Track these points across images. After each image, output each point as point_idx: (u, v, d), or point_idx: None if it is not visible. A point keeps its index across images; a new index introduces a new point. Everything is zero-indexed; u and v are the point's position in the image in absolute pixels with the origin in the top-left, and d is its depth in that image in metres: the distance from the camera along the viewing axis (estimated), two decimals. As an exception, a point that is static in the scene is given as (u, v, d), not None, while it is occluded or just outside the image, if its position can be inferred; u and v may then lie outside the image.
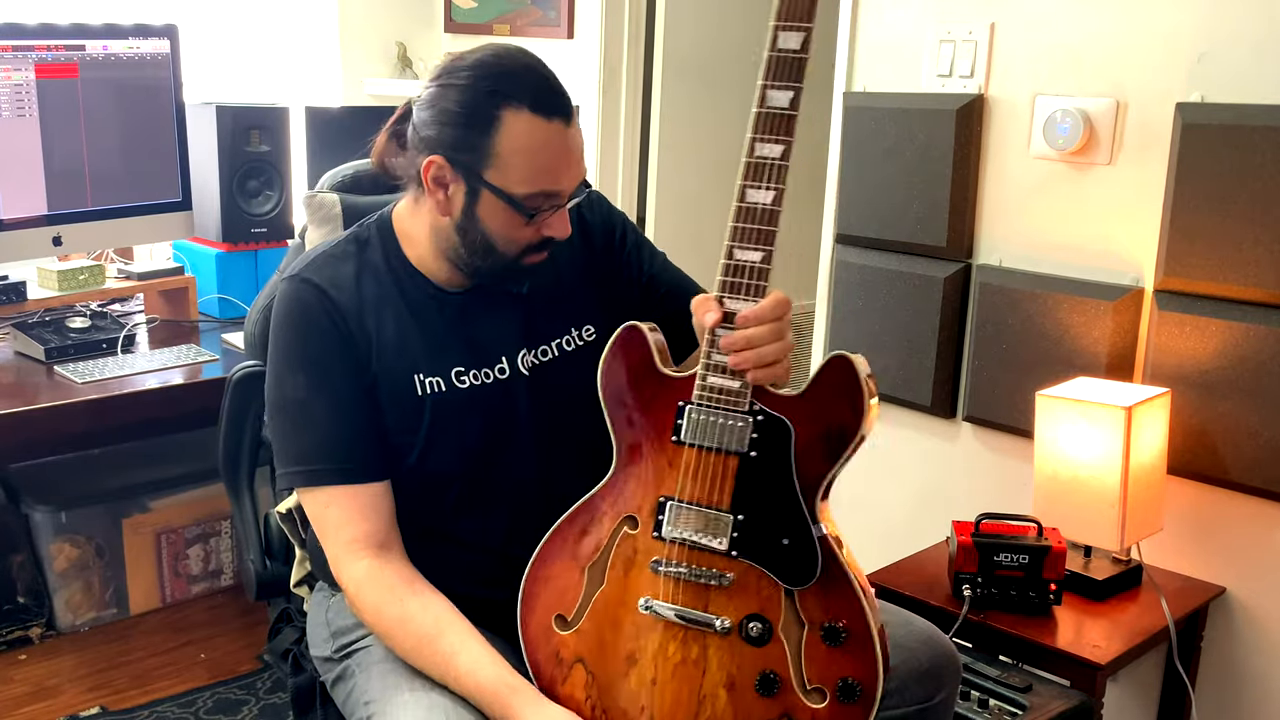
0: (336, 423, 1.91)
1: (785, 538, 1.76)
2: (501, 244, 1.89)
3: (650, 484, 1.84)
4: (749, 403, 1.78)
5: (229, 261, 3.64)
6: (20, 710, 3.39)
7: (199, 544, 4.08)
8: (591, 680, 1.84)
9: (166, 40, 3.46)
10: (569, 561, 1.87)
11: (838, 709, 1.75)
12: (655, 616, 1.81)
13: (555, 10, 4.36)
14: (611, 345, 1.88)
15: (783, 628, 1.77)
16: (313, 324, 1.91)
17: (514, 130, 1.83)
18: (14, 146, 3.21)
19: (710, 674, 1.79)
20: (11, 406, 2.87)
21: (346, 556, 1.90)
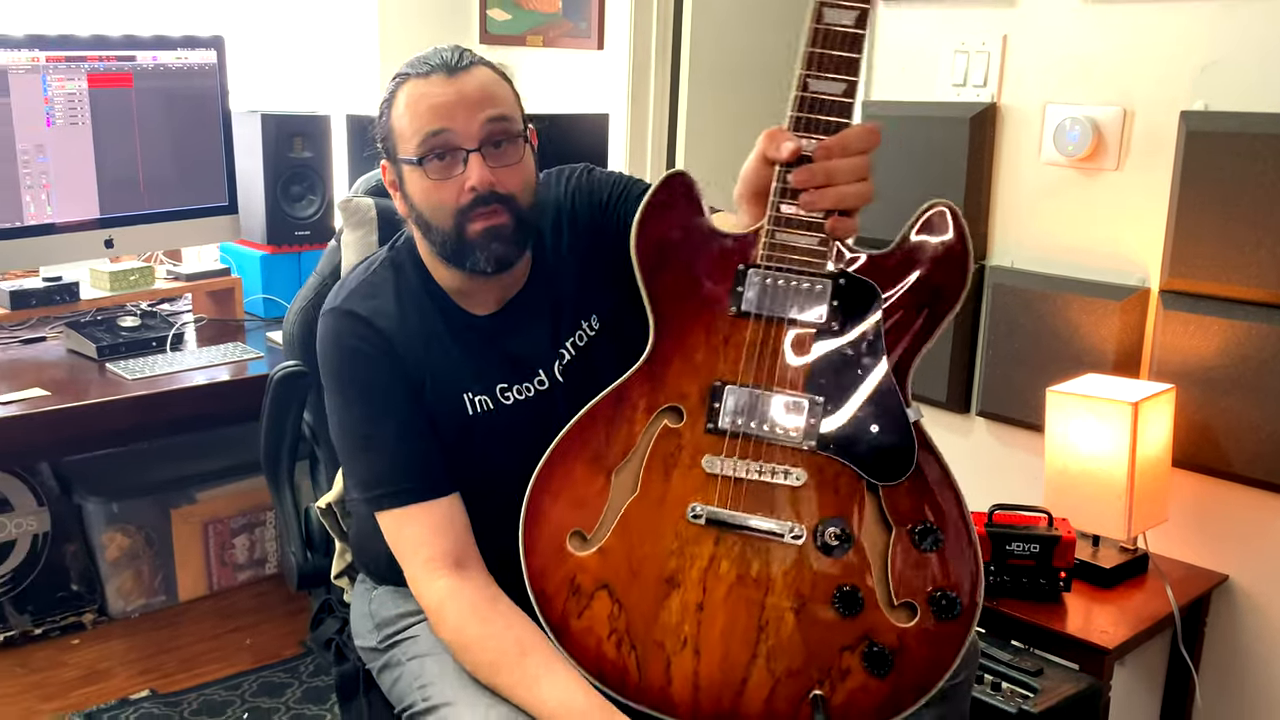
0: (403, 444, 1.85)
1: (874, 424, 1.49)
2: (433, 215, 1.83)
3: (700, 366, 1.53)
4: (827, 263, 1.50)
5: (273, 263, 3.60)
6: (74, 693, 3.42)
7: (244, 534, 4.09)
8: (618, 610, 1.55)
9: (213, 51, 3.44)
10: (589, 465, 1.59)
11: (932, 627, 1.49)
12: (706, 526, 1.52)
13: (586, 22, 4.30)
14: (653, 193, 1.60)
15: (866, 532, 1.49)
16: (362, 355, 1.88)
17: (399, 100, 1.83)
18: (67, 153, 3.20)
19: (775, 594, 1.50)
20: (65, 402, 2.86)
21: (425, 576, 1.80)
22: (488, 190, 1.78)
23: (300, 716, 3.34)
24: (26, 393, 2.88)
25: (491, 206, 1.79)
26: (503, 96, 1.84)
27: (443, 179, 1.79)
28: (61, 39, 3.16)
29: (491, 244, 1.80)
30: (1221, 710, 2.82)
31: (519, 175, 1.83)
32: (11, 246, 3.13)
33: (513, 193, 1.81)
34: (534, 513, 1.59)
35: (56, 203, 3.20)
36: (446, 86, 1.79)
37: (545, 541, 1.58)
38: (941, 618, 1.47)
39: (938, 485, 1.50)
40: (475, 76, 1.81)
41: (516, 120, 1.85)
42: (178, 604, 3.98)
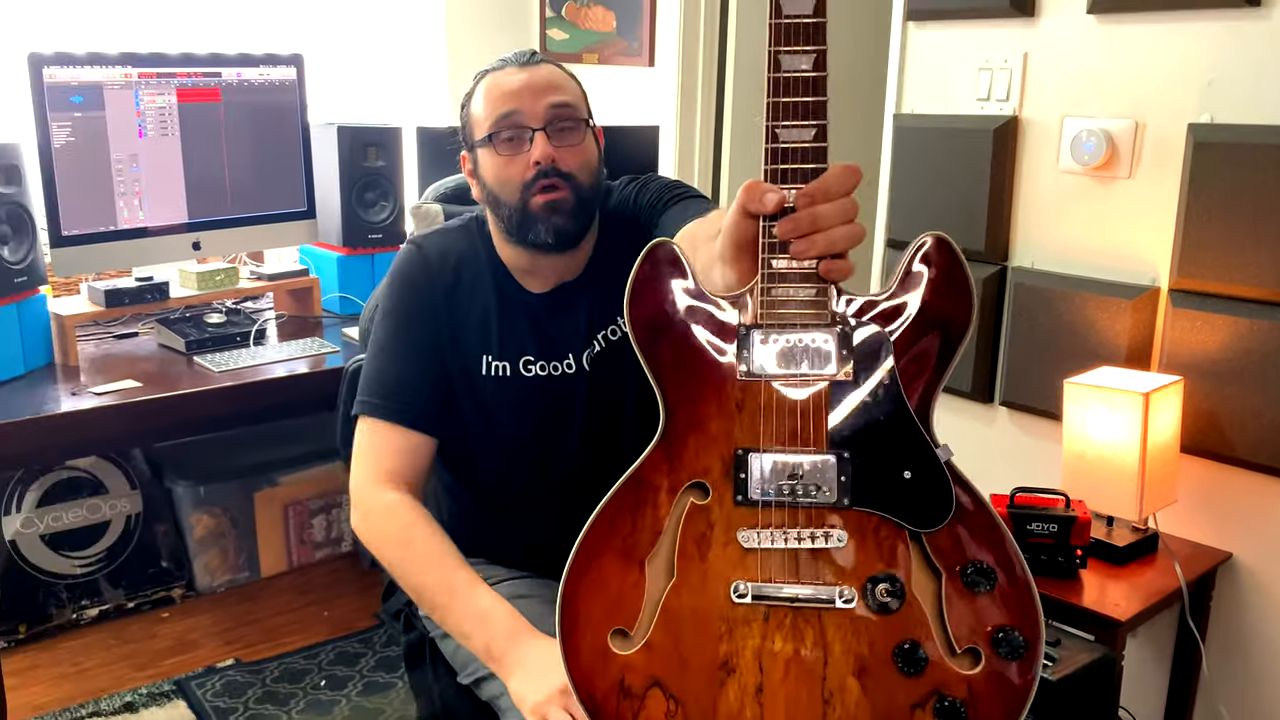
0: (406, 369, 1.93)
1: (906, 470, 1.36)
2: (501, 190, 1.90)
3: (717, 437, 1.39)
4: (829, 313, 1.37)
5: (348, 264, 3.61)
6: (164, 662, 3.55)
7: (322, 514, 4.19)
8: (675, 707, 1.39)
9: (293, 68, 3.47)
10: (619, 558, 1.42)
11: (999, 671, 1.35)
12: (753, 603, 1.38)
13: (638, 41, 4.29)
14: (638, 268, 1.44)
15: (916, 583, 1.36)
16: (410, 281, 1.97)
17: (477, 92, 1.95)
18: (158, 162, 3.22)
19: (834, 662, 1.36)
20: (156, 392, 2.88)
21: (378, 483, 1.88)
22: (550, 165, 1.86)
23: (373, 683, 3.40)
24: (120, 384, 2.91)
25: (553, 180, 1.86)
26: (568, 88, 1.93)
27: (511, 155, 1.88)
28: (153, 57, 3.20)
29: (552, 217, 1.87)
30: (1226, 678, 2.82)
31: (580, 156, 1.90)
32: (106, 249, 3.16)
33: (573, 171, 1.88)
34: (570, 616, 1.42)
35: (148, 208, 3.24)
36: (517, 74, 1.90)
37: (587, 644, 1.41)
38: (1005, 657, 1.34)
39: (978, 522, 1.36)
40: (544, 69, 1.93)
41: (581, 110, 1.93)
42: (260, 579, 4.08)
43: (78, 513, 3.79)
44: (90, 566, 3.83)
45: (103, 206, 3.16)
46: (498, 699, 1.84)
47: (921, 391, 1.38)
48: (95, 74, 3.09)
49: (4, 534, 3.67)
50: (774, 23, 1.33)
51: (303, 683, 3.43)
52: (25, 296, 3.01)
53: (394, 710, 3.28)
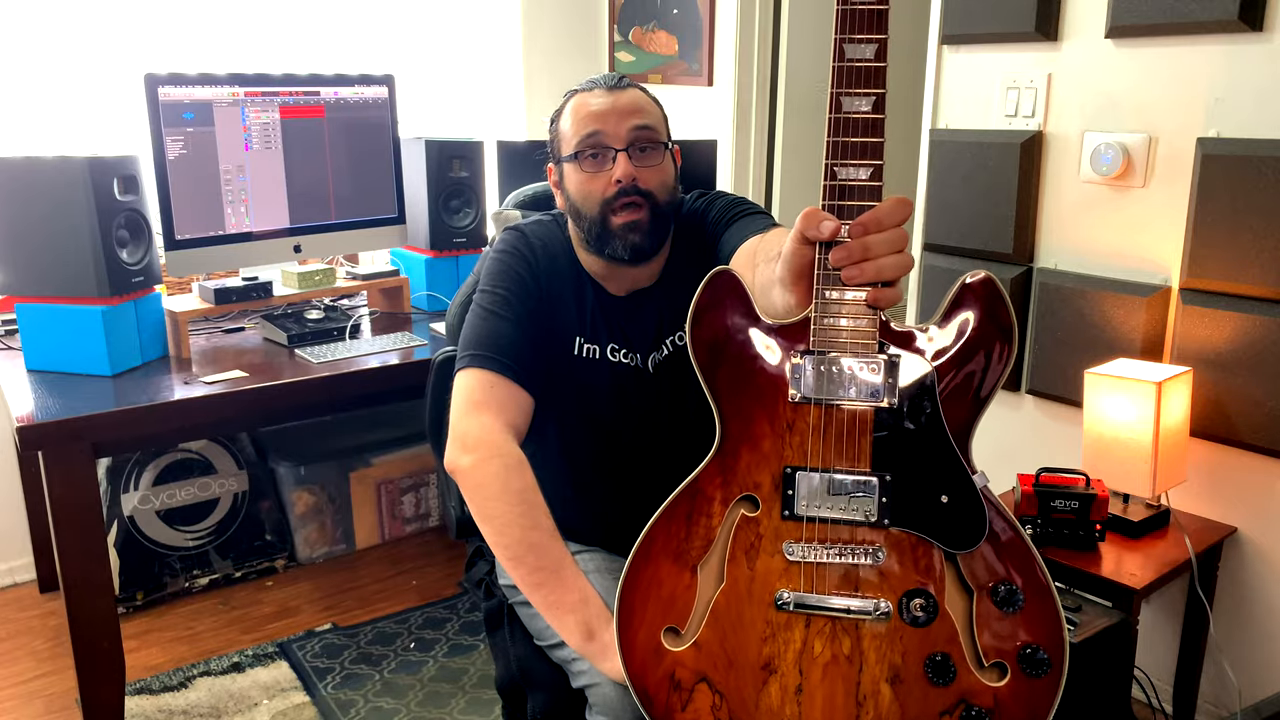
0: (517, 333, 1.89)
1: (944, 495, 1.39)
2: (584, 204, 1.90)
3: (769, 454, 1.43)
4: (877, 341, 1.39)
5: (435, 265, 3.63)
6: (268, 626, 3.59)
7: (411, 492, 4.21)
8: (720, 701, 1.44)
9: (385, 87, 3.51)
10: (674, 562, 1.47)
11: (1023, 685, 1.39)
12: (795, 612, 1.42)
13: (698, 63, 4.31)
14: (700, 294, 1.48)
15: (949, 600, 1.40)
16: (519, 259, 1.96)
17: (566, 110, 1.95)
18: (262, 173, 3.27)
19: (869, 669, 1.41)
20: (261, 382, 2.91)
21: (508, 434, 1.79)
22: (630, 184, 1.86)
23: (457, 645, 3.43)
24: (228, 374, 2.95)
25: (633, 198, 1.87)
26: (651, 111, 1.93)
27: (594, 172, 1.89)
28: (258, 77, 3.25)
29: (630, 234, 1.88)
30: (1232, 640, 2.85)
31: (659, 176, 1.91)
32: (215, 252, 3.21)
33: (652, 190, 1.89)
34: (626, 614, 1.47)
35: (253, 215, 3.29)
36: (604, 97, 1.91)
37: (642, 641, 1.47)
38: (1030, 674, 1.38)
39: (1010, 545, 1.39)
40: (629, 93, 1.93)
41: (661, 133, 1.93)
42: (355, 551, 4.10)
43: (190, 490, 3.83)
44: (201, 540, 3.87)
45: (212, 213, 3.20)
46: (570, 662, 1.85)
47: (961, 420, 1.40)
48: (205, 93, 3.13)
49: (123, 510, 3.70)
50: (837, 65, 1.35)
51: (393, 645, 3.45)
52: (142, 295, 3.06)
53: (476, 670, 3.29)
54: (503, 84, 4.72)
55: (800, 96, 4.40)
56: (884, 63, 1.34)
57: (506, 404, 1.84)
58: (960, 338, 1.38)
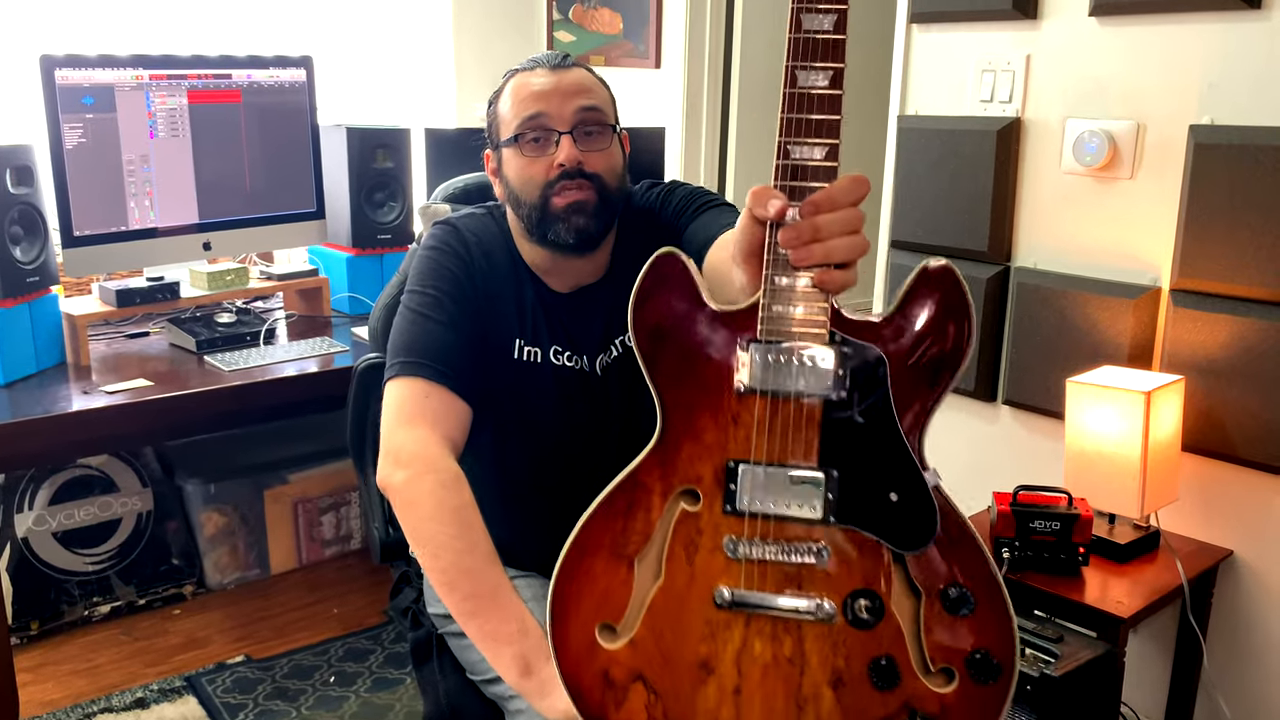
0: (450, 336, 1.86)
1: (893, 492, 1.36)
2: (523, 190, 1.89)
3: (711, 447, 1.40)
4: (828, 332, 1.35)
5: (357, 264, 3.63)
6: (175, 658, 3.53)
7: (331, 512, 4.19)
8: (655, 700, 1.43)
9: (303, 70, 3.48)
10: (610, 556, 1.44)
11: (971, 691, 1.37)
12: (735, 610, 1.40)
13: (644, 44, 4.31)
14: (644, 276, 1.44)
15: (896, 601, 1.37)
16: (451, 256, 1.93)
17: (505, 91, 1.94)
18: (169, 163, 3.23)
19: (811, 671, 1.39)
20: (167, 391, 2.88)
21: (445, 448, 1.77)
22: (575, 167, 1.85)
23: (382, 680, 3.40)
24: (132, 383, 2.92)
25: (577, 181, 1.85)
26: (598, 92, 1.91)
27: (535, 156, 1.87)
28: (164, 59, 3.20)
29: (573, 216, 1.86)
30: (1227, 674, 2.82)
31: (605, 160, 1.89)
32: (118, 249, 3.16)
33: (598, 173, 1.87)
34: (560, 609, 1.45)
35: (159, 209, 3.24)
36: (547, 77, 1.89)
37: (575, 637, 1.45)
38: (978, 680, 1.36)
39: (962, 546, 1.36)
40: (574, 72, 1.91)
41: (609, 115, 1.91)
42: (270, 576, 4.08)
43: (89, 510, 3.79)
44: (102, 564, 3.83)
45: (114, 207, 3.17)
46: (506, 699, 1.84)
47: (914, 415, 1.38)
48: (106, 76, 3.10)
49: (17, 532, 3.67)
50: (793, 37, 1.33)
51: (312, 679, 3.43)
52: (37, 296, 3.02)
53: (402, 706, 3.28)
54: (431, 66, 4.73)
55: (756, 80, 4.39)
56: (844, 35, 1.31)
57: (442, 415, 1.81)
58: (916, 328, 1.36)
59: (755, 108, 4.41)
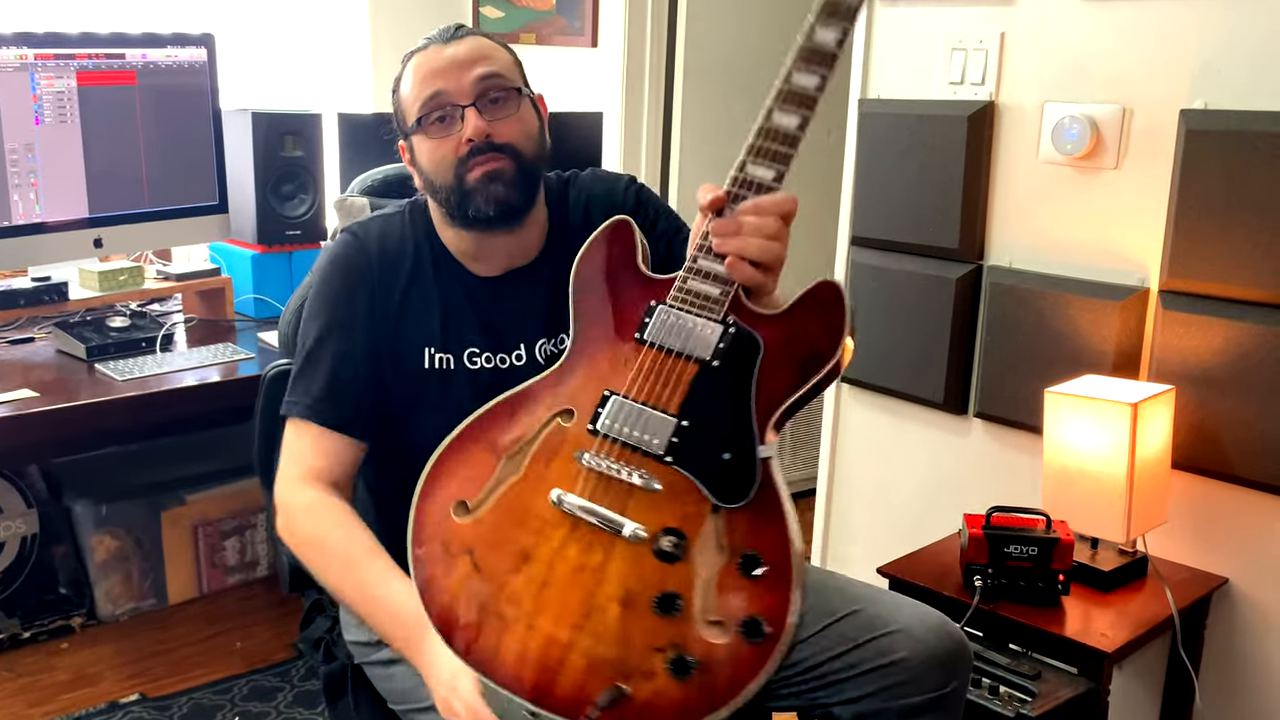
0: (337, 370, 1.94)
1: (727, 452, 1.63)
2: (436, 173, 1.94)
3: (599, 378, 1.71)
4: (724, 313, 1.66)
5: (264, 263, 3.63)
6: (62, 697, 3.42)
7: (235, 536, 4.11)
8: (475, 574, 1.68)
9: (203, 49, 3.47)
10: (486, 448, 1.73)
11: (738, 647, 1.59)
12: (564, 512, 1.66)
13: (580, 20, 4.35)
14: (599, 233, 1.80)
15: (699, 548, 1.62)
16: (346, 270, 1.99)
17: (406, 74, 1.98)
18: (56, 152, 3.22)
19: (606, 584, 1.63)
20: (53, 403, 2.87)
21: (299, 482, 1.92)
22: (484, 140, 1.89)
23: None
24: (14, 394, 2.89)
25: (488, 155, 1.89)
26: (496, 57, 1.95)
27: (443, 137, 1.91)
28: (50, 36, 3.16)
29: (490, 185, 1.89)
30: (1222, 715, 2.83)
31: (516, 126, 1.93)
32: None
33: (511, 142, 1.91)
34: (431, 481, 1.73)
35: (45, 202, 3.22)
36: (440, 52, 1.93)
37: (434, 506, 1.72)
38: (748, 638, 1.58)
39: (771, 523, 1.61)
40: (468, 41, 1.94)
41: (511, 78, 1.95)
42: (167, 607, 3.99)
43: None
44: None
45: None
46: None
47: (773, 398, 1.65)
48: None
49: None
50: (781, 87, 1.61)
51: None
52: None
53: None
54: (345, 45, 4.73)
55: (702, 61, 4.41)
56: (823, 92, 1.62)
57: (309, 453, 1.96)
58: (795, 329, 1.66)
59: (702, 91, 4.42)
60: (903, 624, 1.89)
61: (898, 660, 1.86)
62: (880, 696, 1.87)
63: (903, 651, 1.86)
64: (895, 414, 3.25)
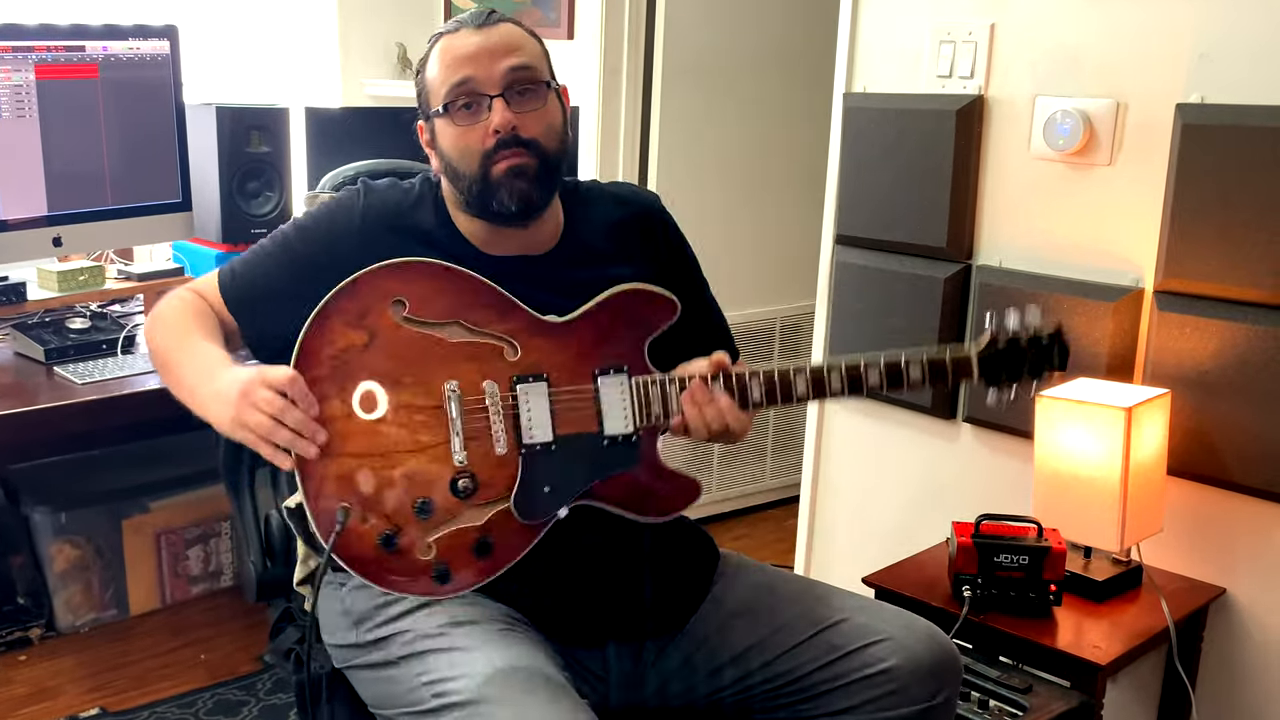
0: (267, 276, 2.02)
1: (548, 487, 1.88)
2: (461, 161, 1.96)
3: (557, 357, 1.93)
4: (643, 427, 1.92)
5: None
6: (20, 711, 3.41)
7: (199, 545, 4.11)
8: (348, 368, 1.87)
9: (166, 41, 3.46)
10: (457, 296, 1.91)
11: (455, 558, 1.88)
12: (443, 394, 1.86)
13: (555, 11, 4.32)
14: (658, 292, 1.97)
15: (468, 506, 1.87)
16: (337, 218, 2.02)
17: (431, 57, 2.01)
18: (13, 147, 3.21)
19: (410, 459, 1.86)
20: (11, 407, 2.87)
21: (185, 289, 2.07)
22: (510, 133, 1.91)
23: None
24: None
25: (514, 149, 1.92)
26: (528, 49, 1.97)
27: (469, 125, 1.93)
28: (7, 28, 3.15)
29: (515, 181, 1.92)
30: None
31: (543, 120, 1.96)
32: None
33: (536, 137, 1.94)
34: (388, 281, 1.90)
35: (2, 200, 3.20)
36: (472, 37, 1.95)
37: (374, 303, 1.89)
38: (477, 556, 1.88)
39: (525, 543, 1.90)
40: (501, 29, 1.97)
41: (542, 71, 1.98)
42: (129, 618, 3.98)
43: None
44: None
45: None
46: None
47: (597, 491, 1.92)
48: None
49: None
50: (883, 365, 1.95)
51: None
52: None
53: None
54: (312, 37, 4.71)
55: (683, 55, 4.40)
56: (871, 396, 2.15)
57: (208, 295, 2.06)
58: (655, 483, 1.97)
59: (683, 86, 4.41)
60: (890, 632, 1.93)
61: (885, 670, 1.86)
62: (868, 708, 1.87)
63: (891, 660, 1.86)
64: (882, 419, 3.23)
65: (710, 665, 1.99)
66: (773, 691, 1.94)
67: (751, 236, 4.37)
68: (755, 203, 4.41)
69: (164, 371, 2.01)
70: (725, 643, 1.99)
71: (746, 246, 4.28)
